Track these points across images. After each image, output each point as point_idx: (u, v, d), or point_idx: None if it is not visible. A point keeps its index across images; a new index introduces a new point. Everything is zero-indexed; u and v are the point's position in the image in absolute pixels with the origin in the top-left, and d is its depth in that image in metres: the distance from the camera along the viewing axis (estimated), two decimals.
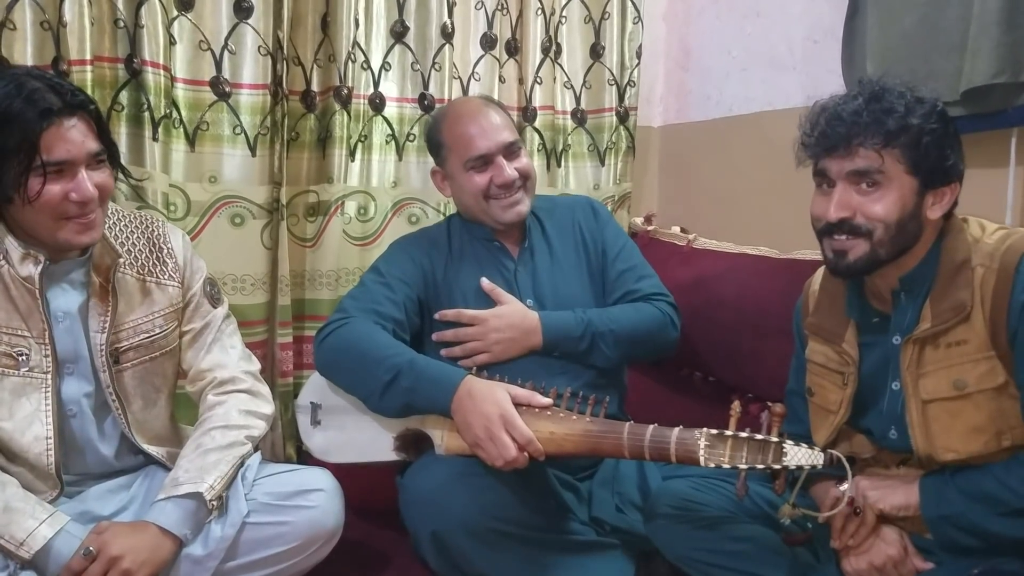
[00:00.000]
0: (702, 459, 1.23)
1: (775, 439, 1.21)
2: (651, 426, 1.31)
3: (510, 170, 1.63)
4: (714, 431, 1.25)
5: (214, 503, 1.29)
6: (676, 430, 1.28)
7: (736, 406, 1.28)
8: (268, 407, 1.48)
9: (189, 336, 1.46)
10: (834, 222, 1.21)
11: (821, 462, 1.19)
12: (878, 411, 1.29)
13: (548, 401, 1.39)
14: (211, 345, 1.46)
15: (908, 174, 1.18)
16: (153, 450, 1.40)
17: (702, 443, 1.24)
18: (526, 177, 1.67)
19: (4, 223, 1.26)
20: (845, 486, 1.24)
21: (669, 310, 1.73)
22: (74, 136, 1.22)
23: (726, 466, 1.22)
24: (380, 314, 1.56)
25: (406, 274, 1.65)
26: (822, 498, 1.32)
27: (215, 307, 1.49)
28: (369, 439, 1.53)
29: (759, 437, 1.22)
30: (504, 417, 1.34)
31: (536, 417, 1.39)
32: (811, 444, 1.22)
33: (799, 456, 1.19)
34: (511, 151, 1.65)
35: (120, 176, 1.39)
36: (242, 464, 1.37)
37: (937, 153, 1.18)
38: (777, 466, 1.20)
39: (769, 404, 1.26)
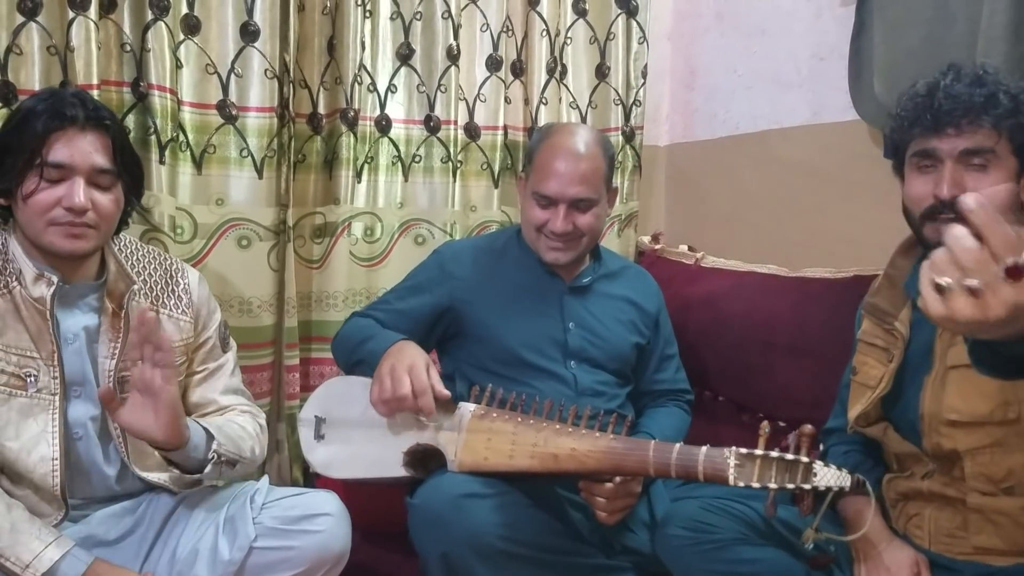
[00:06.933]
0: (731, 478, 1.22)
1: (805, 459, 1.19)
2: (678, 444, 1.31)
3: (564, 223, 1.61)
4: (743, 450, 1.23)
5: (217, 454, 1.32)
6: (704, 449, 1.27)
7: (765, 425, 1.27)
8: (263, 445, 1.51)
9: (200, 376, 1.47)
10: (947, 200, 1.19)
11: (849, 484, 1.17)
12: (915, 388, 1.28)
13: (447, 393, 1.43)
14: (216, 384, 1.49)
15: (1013, 155, 1.19)
16: (154, 477, 1.38)
17: (731, 462, 1.23)
18: (583, 234, 1.65)
19: (17, 240, 1.28)
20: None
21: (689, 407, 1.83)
22: (82, 145, 1.23)
23: (756, 486, 1.21)
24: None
25: (424, 290, 1.71)
26: (844, 510, 1.32)
27: (225, 351, 1.52)
28: (377, 454, 1.51)
29: (789, 457, 1.20)
30: (413, 365, 1.43)
31: (557, 433, 1.39)
32: (840, 465, 1.21)
33: (828, 477, 1.18)
34: (578, 205, 1.63)
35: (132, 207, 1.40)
36: (231, 463, 1.37)
37: None
38: (807, 486, 1.18)
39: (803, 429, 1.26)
